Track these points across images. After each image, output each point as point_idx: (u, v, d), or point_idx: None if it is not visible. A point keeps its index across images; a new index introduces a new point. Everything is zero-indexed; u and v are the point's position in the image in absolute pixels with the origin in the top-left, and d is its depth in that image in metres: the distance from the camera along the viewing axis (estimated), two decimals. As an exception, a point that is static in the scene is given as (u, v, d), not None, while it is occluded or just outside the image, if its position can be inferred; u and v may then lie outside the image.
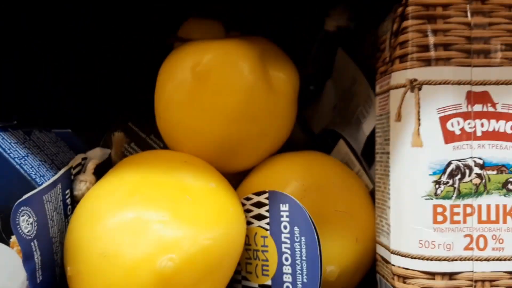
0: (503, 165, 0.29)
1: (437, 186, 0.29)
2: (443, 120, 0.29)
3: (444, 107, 0.29)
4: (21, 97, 0.49)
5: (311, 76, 0.45)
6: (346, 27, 0.41)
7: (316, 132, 0.42)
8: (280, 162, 0.36)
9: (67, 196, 0.32)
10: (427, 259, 0.29)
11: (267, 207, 0.32)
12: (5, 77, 0.48)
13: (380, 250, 0.33)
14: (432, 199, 0.29)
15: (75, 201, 0.32)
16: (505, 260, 0.29)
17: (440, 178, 0.29)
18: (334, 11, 0.42)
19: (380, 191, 0.33)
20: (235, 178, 0.37)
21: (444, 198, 0.29)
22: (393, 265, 0.30)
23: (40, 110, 0.49)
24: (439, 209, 0.29)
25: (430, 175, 0.29)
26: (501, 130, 0.29)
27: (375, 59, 0.35)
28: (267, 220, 0.32)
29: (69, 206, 0.32)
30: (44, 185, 0.29)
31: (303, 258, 0.31)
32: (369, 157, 0.36)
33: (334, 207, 0.34)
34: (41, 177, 0.30)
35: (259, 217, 0.33)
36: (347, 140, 0.37)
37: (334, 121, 0.41)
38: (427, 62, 0.29)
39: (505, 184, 0.29)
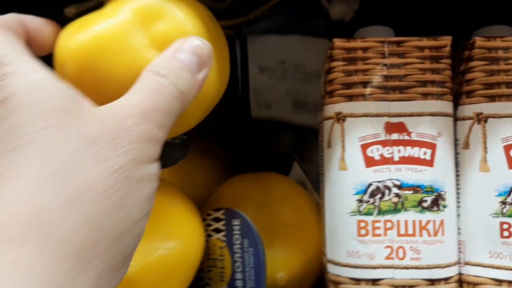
0: (418, 186, 0.33)
1: (360, 204, 0.33)
2: (364, 147, 0.33)
3: (365, 136, 0.33)
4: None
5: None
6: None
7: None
8: (238, 182, 0.41)
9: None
10: (353, 267, 0.34)
11: (223, 222, 0.38)
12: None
13: (324, 259, 0.38)
14: (356, 215, 0.33)
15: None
16: (422, 268, 0.33)
17: (362, 197, 0.33)
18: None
19: (322, 207, 0.38)
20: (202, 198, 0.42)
21: (366, 214, 0.33)
22: (328, 272, 0.35)
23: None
24: (362, 224, 0.33)
25: (353, 194, 0.33)
26: (416, 155, 0.33)
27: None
28: (224, 233, 0.38)
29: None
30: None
31: (251, 265, 0.36)
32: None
33: (284, 221, 0.39)
34: None
35: (217, 230, 0.38)
36: (300, 163, 0.42)
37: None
38: (350, 98, 0.34)
39: (420, 203, 0.33)
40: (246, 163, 0.42)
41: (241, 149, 0.46)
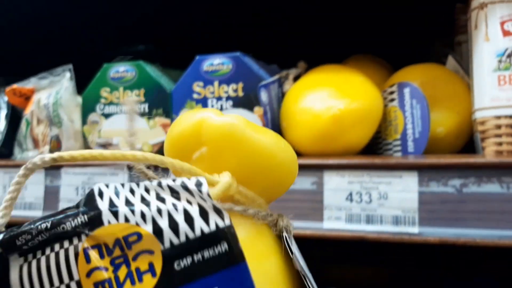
0: (544, 48, 0.46)
1: (499, 63, 0.47)
2: (502, 24, 0.47)
3: (502, 15, 0.47)
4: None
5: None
6: None
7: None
8: (407, 69, 0.57)
9: (279, 90, 0.57)
10: (495, 108, 0.47)
11: (396, 93, 0.54)
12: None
13: (473, 118, 0.52)
14: (497, 71, 0.47)
15: (284, 93, 0.57)
16: (549, 107, 0.46)
17: (501, 58, 0.47)
18: None
19: (470, 77, 0.52)
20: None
21: (505, 70, 0.47)
22: (476, 118, 0.49)
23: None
24: (502, 77, 0.47)
25: (495, 57, 0.47)
26: (542, 26, 0.46)
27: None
28: (397, 100, 0.54)
29: (280, 95, 0.57)
30: (270, 80, 0.54)
31: (419, 117, 0.51)
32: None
33: (443, 93, 0.54)
34: (267, 78, 0.56)
35: (392, 100, 0.54)
36: (453, 55, 0.57)
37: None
38: (491, -10, 0.48)
39: (546, 59, 0.46)
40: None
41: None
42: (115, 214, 0.24)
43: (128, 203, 0.25)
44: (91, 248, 0.24)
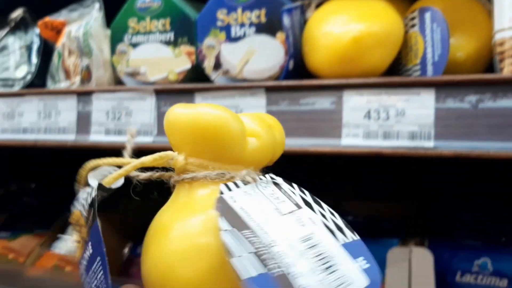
0: None
1: (520, -17, 0.47)
2: None
3: None
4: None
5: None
6: None
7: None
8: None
9: (301, 17, 0.58)
10: (514, 28, 0.48)
11: (417, 18, 0.54)
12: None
13: (492, 43, 0.52)
14: (517, -9, 0.48)
15: (306, 20, 0.58)
16: None
17: (522, -22, 0.47)
18: None
19: (491, 3, 0.52)
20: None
21: (525, -10, 0.47)
22: (496, 40, 0.50)
23: None
24: (522, -3, 0.47)
25: (516, -23, 0.48)
26: None
27: None
28: (417, 26, 0.54)
29: (302, 21, 0.58)
30: (293, 5, 0.56)
31: (439, 40, 0.52)
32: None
33: (463, 18, 0.54)
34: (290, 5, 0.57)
35: (413, 26, 0.55)
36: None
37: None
38: None
39: None
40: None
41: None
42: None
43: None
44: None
